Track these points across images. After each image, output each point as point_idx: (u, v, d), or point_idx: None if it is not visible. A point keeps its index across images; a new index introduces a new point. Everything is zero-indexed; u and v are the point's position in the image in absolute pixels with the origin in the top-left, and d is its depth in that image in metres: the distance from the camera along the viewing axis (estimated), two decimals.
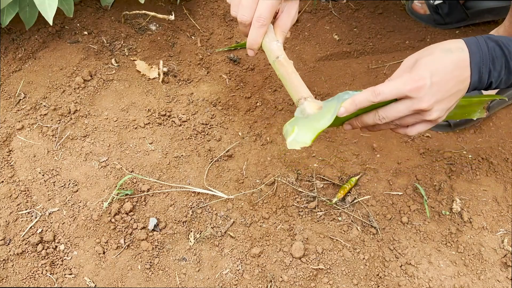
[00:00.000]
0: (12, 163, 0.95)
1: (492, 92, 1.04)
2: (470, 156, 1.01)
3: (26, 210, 0.89)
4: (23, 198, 0.90)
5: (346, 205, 0.93)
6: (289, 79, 0.71)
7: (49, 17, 0.95)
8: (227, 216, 0.90)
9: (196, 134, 1.02)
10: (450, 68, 0.66)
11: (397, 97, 0.66)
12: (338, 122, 0.73)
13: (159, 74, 1.11)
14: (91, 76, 1.09)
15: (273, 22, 0.77)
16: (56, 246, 0.85)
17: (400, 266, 0.85)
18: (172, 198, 0.92)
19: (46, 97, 1.05)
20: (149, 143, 1.00)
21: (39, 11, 1.02)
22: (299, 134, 0.68)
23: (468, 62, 0.66)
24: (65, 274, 0.83)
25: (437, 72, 0.65)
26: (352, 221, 0.91)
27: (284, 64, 0.73)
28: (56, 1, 0.96)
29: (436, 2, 1.27)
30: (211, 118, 1.06)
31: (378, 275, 0.84)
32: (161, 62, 1.12)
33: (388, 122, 0.69)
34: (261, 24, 0.71)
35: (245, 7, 0.71)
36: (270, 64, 0.78)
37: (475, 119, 0.91)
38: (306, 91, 0.70)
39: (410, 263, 0.85)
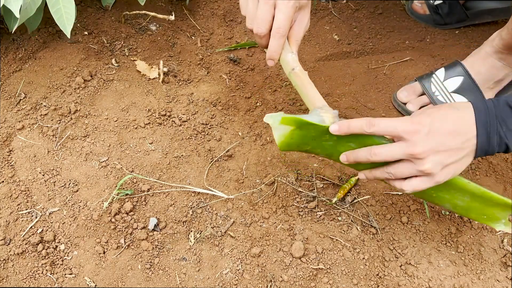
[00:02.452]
0: (12, 163, 0.95)
1: None
2: None
3: (26, 210, 0.89)
4: (23, 198, 0.90)
5: (346, 205, 0.93)
6: (305, 90, 0.74)
7: (67, 31, 0.96)
8: (227, 216, 0.91)
9: (196, 134, 1.02)
10: (452, 122, 0.65)
11: (391, 135, 0.67)
12: (336, 154, 0.74)
13: (159, 74, 1.12)
14: (91, 76, 1.09)
15: None
16: (56, 246, 0.85)
17: (400, 266, 0.85)
18: (172, 198, 0.92)
19: (47, 97, 1.05)
20: (149, 143, 1.00)
21: (42, 17, 1.03)
22: (279, 115, 0.69)
23: (474, 121, 0.65)
24: (65, 274, 0.83)
25: (437, 122, 0.64)
26: (352, 221, 0.91)
27: (300, 75, 0.75)
28: (73, 15, 0.97)
29: (436, 2, 1.27)
30: (211, 118, 1.06)
31: (378, 275, 0.84)
32: (161, 62, 1.12)
33: (382, 163, 0.69)
34: (281, 35, 0.73)
35: (260, 20, 0.73)
36: (285, 73, 0.79)
37: (497, 230, 0.86)
38: (321, 101, 0.72)
39: (410, 263, 0.85)
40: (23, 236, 0.86)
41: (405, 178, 0.69)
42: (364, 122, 0.66)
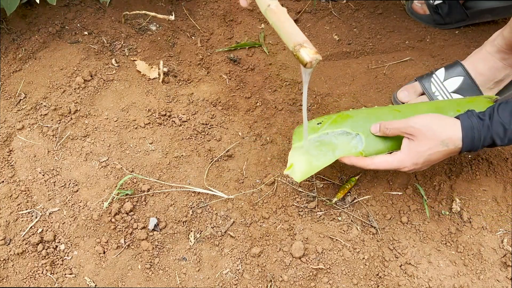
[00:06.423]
0: (12, 163, 0.95)
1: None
2: (469, 156, 1.01)
3: (26, 210, 0.89)
4: (24, 198, 0.90)
5: (346, 205, 0.93)
6: (282, 27, 0.69)
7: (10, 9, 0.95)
8: (227, 216, 0.91)
9: (196, 134, 1.02)
10: (441, 156, 0.78)
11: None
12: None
13: (159, 74, 1.12)
14: (91, 76, 1.09)
15: None
16: (57, 246, 0.85)
17: (400, 266, 0.85)
18: (172, 198, 0.92)
19: (47, 97, 1.05)
20: (149, 143, 1.00)
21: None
22: (297, 166, 0.85)
23: (459, 151, 0.77)
24: (65, 274, 0.83)
25: (428, 160, 0.78)
26: (352, 221, 0.91)
27: (276, 12, 0.70)
28: None
29: (436, 2, 1.27)
30: (211, 118, 1.06)
31: (377, 274, 0.84)
32: (161, 62, 1.12)
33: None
34: None
35: None
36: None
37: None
38: (301, 36, 0.67)
39: (409, 263, 0.85)
40: (23, 236, 0.86)
41: None
42: (365, 164, 0.81)
